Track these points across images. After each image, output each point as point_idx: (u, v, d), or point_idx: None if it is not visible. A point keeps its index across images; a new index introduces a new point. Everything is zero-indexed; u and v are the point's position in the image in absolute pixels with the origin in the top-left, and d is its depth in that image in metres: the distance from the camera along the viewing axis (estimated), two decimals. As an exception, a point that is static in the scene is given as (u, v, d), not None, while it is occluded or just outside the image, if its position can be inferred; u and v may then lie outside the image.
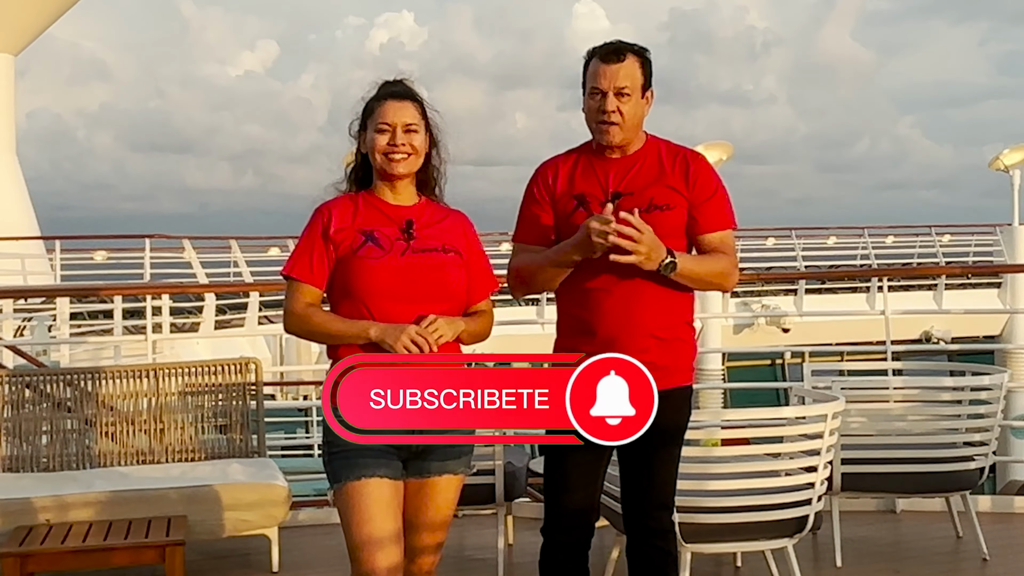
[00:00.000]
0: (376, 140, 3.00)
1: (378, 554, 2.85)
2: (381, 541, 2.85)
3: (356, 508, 2.87)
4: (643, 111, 3.20)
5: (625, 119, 3.13)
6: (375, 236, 2.96)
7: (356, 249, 2.95)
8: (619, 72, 3.13)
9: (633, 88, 3.14)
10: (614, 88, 3.12)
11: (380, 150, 2.99)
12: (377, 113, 3.02)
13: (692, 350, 3.29)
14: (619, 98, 3.12)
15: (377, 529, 2.85)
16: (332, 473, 2.94)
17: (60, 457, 5.02)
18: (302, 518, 5.69)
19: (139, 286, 13.11)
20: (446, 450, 2.99)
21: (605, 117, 3.12)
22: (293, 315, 3.00)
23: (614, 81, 3.12)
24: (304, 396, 13.35)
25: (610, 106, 3.11)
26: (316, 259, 2.98)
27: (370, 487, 2.87)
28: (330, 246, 2.98)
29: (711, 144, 19.90)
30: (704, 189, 3.20)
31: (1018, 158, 21.53)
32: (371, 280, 2.92)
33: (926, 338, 19.25)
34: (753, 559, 4.58)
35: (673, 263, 3.06)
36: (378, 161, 3.01)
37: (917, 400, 5.33)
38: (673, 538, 3.33)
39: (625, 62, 3.14)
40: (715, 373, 17.44)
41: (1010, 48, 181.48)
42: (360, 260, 2.93)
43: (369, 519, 2.86)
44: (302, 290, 2.99)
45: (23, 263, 14.34)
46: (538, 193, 3.27)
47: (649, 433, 3.16)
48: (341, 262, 2.96)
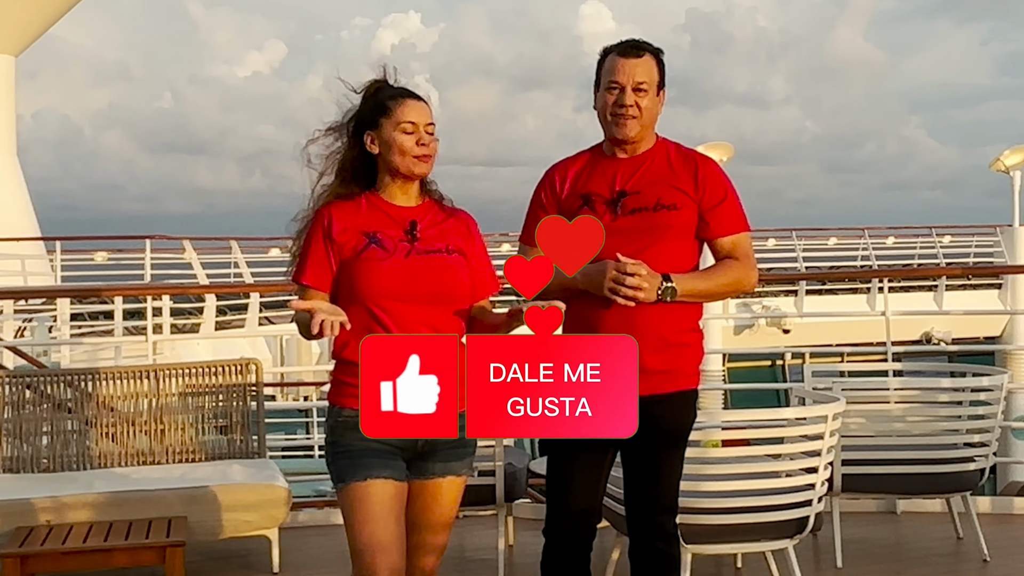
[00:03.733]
0: (402, 140, 2.93)
1: (380, 556, 2.84)
2: (384, 543, 2.84)
3: (360, 509, 2.86)
4: (658, 109, 3.21)
5: (643, 113, 3.15)
6: (378, 238, 2.93)
7: (360, 251, 2.91)
8: (638, 67, 3.15)
9: (651, 84, 3.17)
10: (633, 82, 3.15)
11: (408, 151, 2.93)
12: (398, 112, 2.94)
13: (698, 355, 3.28)
14: (637, 93, 3.15)
15: (380, 530, 2.85)
16: (336, 473, 2.92)
17: (60, 458, 5.02)
18: (302, 519, 5.68)
19: (140, 287, 13.11)
20: (449, 451, 2.98)
21: (623, 111, 3.14)
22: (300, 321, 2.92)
23: (633, 75, 3.15)
24: (304, 397, 13.36)
25: (628, 100, 3.14)
26: (319, 263, 2.94)
27: (374, 488, 2.86)
28: (333, 248, 2.93)
29: (712, 144, 19.90)
30: (715, 193, 3.20)
31: (1018, 159, 21.52)
32: (376, 282, 2.89)
33: (926, 339, 19.25)
34: (753, 560, 4.58)
35: (671, 288, 3.08)
36: (401, 161, 2.94)
37: (917, 401, 5.32)
38: (676, 541, 3.32)
39: (644, 58, 3.17)
40: (715, 374, 17.41)
41: (1011, 48, 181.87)
42: (364, 262, 2.90)
43: (372, 520, 2.85)
44: (309, 295, 2.94)
45: (23, 264, 14.34)
46: (545, 198, 3.29)
47: (653, 436, 3.18)
48: (345, 264, 2.93)
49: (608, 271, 3.05)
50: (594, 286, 3.08)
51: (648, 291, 3.05)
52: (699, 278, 3.17)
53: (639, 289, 3.03)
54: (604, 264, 3.06)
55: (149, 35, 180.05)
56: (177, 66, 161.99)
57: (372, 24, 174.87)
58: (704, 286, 3.17)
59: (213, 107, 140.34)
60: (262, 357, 10.38)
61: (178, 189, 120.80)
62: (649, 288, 3.05)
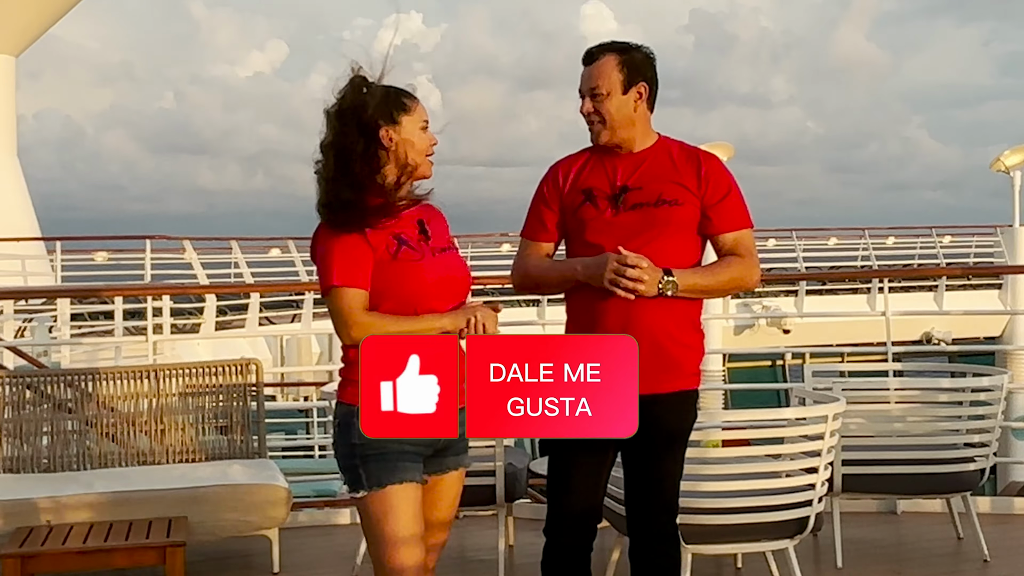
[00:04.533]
0: (422, 138, 2.92)
1: (410, 554, 2.85)
2: (416, 542, 2.86)
3: (397, 511, 2.84)
4: (631, 107, 3.18)
5: (608, 118, 3.16)
6: (404, 238, 2.90)
7: (395, 253, 2.87)
8: (590, 74, 3.19)
9: (609, 87, 3.16)
10: (587, 89, 3.19)
11: (425, 149, 2.92)
12: (418, 109, 2.93)
13: (698, 354, 3.27)
14: (593, 100, 3.17)
15: (412, 531, 2.85)
16: (369, 475, 2.85)
17: (61, 458, 5.02)
18: (303, 519, 5.68)
19: (140, 287, 13.12)
20: (459, 444, 2.99)
21: (587, 119, 3.20)
22: (359, 324, 2.83)
23: (586, 83, 3.19)
24: (305, 397, 13.35)
25: (585, 107, 3.20)
26: (363, 264, 2.85)
27: (410, 491, 2.85)
28: (370, 250, 2.87)
29: (712, 145, 19.86)
30: (717, 189, 3.20)
31: (1018, 159, 21.52)
32: (420, 283, 2.86)
33: (927, 339, 19.25)
34: (754, 560, 4.58)
35: (673, 282, 3.07)
36: (420, 160, 2.92)
37: (918, 401, 5.32)
38: (676, 542, 3.31)
39: (597, 63, 3.18)
40: (716, 374, 17.43)
41: (1012, 49, 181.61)
42: (402, 263, 2.86)
43: (408, 522, 2.84)
44: (358, 297, 2.85)
45: (23, 264, 14.34)
46: (547, 193, 3.29)
47: (654, 436, 3.18)
48: (379, 265, 2.86)
49: (609, 263, 3.05)
50: (594, 278, 3.08)
51: (649, 284, 3.04)
52: (701, 273, 3.16)
53: (639, 281, 3.03)
54: (605, 256, 3.07)
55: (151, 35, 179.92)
56: (179, 66, 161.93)
57: (374, 24, 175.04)
58: (706, 282, 3.16)
59: (215, 107, 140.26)
60: (262, 357, 10.39)
61: (180, 189, 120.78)
62: (650, 281, 3.04)
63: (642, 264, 3.04)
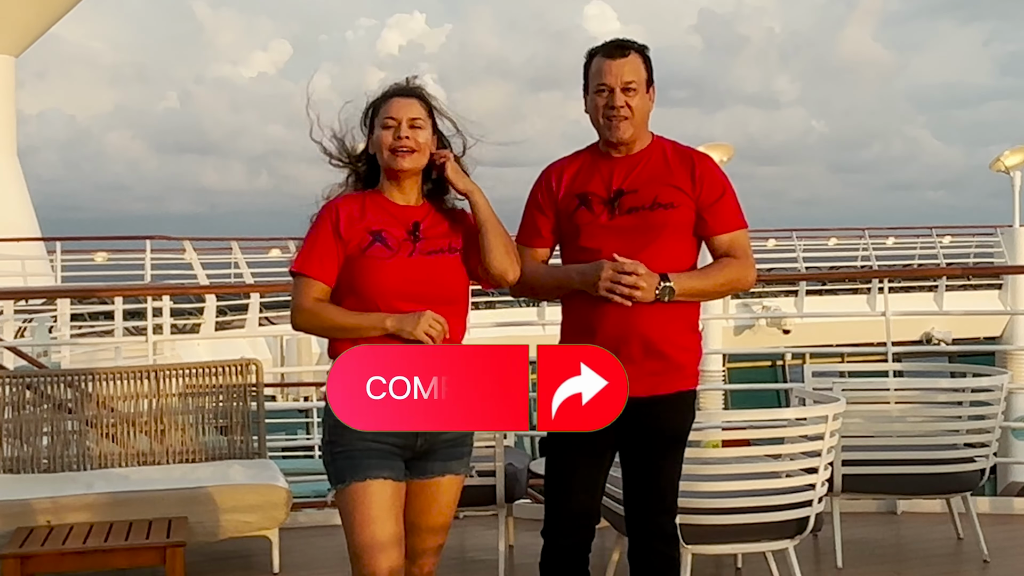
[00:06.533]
0: (382, 136, 2.97)
1: (380, 556, 2.85)
2: (383, 543, 2.85)
3: (359, 510, 2.87)
4: (648, 106, 3.20)
5: (634, 113, 3.14)
6: (383, 236, 2.95)
7: (364, 248, 2.94)
8: (624, 67, 3.14)
9: (639, 83, 3.15)
10: (621, 83, 3.13)
11: (387, 145, 2.96)
12: (383, 109, 3.00)
13: (696, 356, 3.27)
14: (626, 93, 3.13)
15: (380, 531, 2.85)
16: (335, 473, 2.93)
17: (61, 458, 5.02)
18: (302, 520, 5.68)
19: (140, 287, 13.09)
20: (448, 450, 2.99)
21: (615, 113, 3.13)
22: (303, 311, 2.96)
23: (621, 76, 3.13)
24: (305, 397, 13.35)
25: (619, 101, 3.13)
26: (326, 256, 2.95)
27: (374, 488, 2.86)
28: (340, 243, 2.95)
29: (712, 145, 19.91)
30: (712, 191, 3.19)
31: (1018, 159, 21.55)
32: (379, 280, 2.91)
33: (927, 339, 19.25)
34: (754, 560, 4.58)
35: (669, 288, 3.07)
36: (385, 157, 2.98)
37: (918, 401, 5.32)
38: (676, 542, 3.32)
39: (629, 57, 3.15)
40: (716, 374, 17.43)
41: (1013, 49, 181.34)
42: (368, 260, 2.93)
43: (372, 521, 2.85)
44: (312, 286, 2.96)
45: (24, 264, 14.34)
46: (541, 198, 3.28)
47: (652, 437, 3.18)
48: (349, 260, 2.94)
49: (605, 270, 3.04)
50: (589, 285, 3.08)
51: (646, 291, 3.04)
52: (697, 277, 3.16)
53: (636, 288, 3.03)
54: (600, 263, 3.06)
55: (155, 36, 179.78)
56: (183, 66, 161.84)
57: (377, 25, 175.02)
58: (702, 285, 3.16)
59: (220, 107, 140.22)
60: (262, 357, 10.38)
61: (183, 189, 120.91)
62: (647, 287, 3.04)
63: (639, 271, 3.03)
